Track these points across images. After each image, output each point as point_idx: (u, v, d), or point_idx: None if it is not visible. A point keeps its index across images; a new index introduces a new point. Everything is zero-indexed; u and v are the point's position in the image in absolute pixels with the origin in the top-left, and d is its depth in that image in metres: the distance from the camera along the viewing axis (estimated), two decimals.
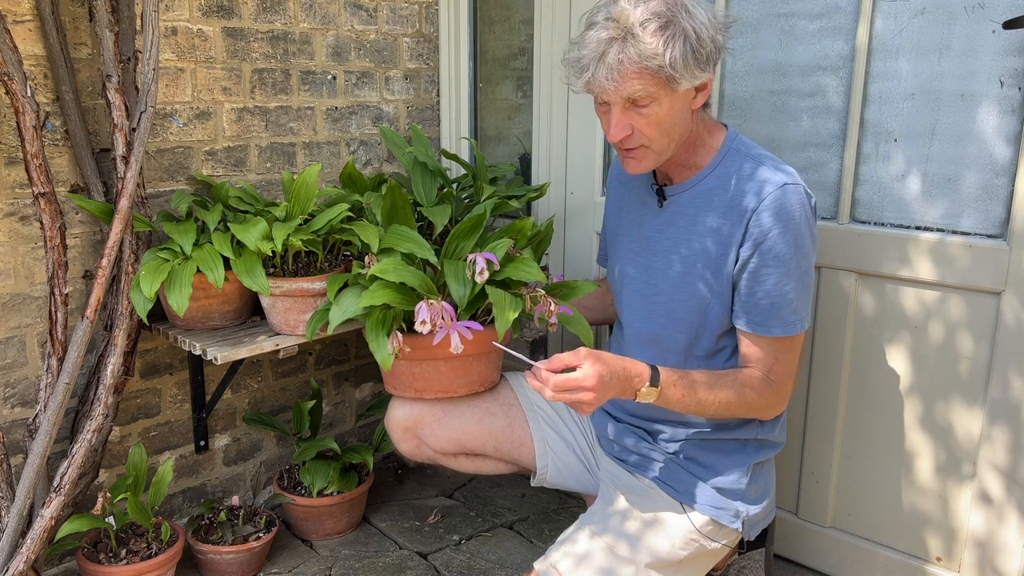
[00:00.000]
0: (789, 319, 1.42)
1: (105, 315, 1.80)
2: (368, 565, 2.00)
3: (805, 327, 1.45)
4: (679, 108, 1.38)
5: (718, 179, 1.46)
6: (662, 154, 1.43)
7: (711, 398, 1.41)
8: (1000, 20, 1.51)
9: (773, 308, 1.41)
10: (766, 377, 1.45)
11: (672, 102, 1.36)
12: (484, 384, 1.74)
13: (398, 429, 1.75)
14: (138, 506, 1.78)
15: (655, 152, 1.42)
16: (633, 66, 1.31)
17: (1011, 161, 1.54)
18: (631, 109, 1.36)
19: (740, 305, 1.44)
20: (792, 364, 1.47)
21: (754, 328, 1.43)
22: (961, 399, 1.66)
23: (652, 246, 1.54)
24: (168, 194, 1.94)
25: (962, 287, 1.62)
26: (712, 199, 1.46)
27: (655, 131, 1.38)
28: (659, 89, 1.34)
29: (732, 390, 1.42)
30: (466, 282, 1.60)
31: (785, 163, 1.45)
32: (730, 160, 1.46)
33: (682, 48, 1.30)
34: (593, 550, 1.46)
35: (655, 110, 1.36)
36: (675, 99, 1.36)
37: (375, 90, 2.33)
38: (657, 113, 1.36)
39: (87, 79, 1.77)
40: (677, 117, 1.39)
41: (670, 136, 1.40)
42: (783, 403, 1.50)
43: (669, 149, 1.43)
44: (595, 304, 1.83)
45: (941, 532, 1.73)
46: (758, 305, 1.42)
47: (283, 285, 1.75)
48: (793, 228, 1.38)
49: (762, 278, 1.41)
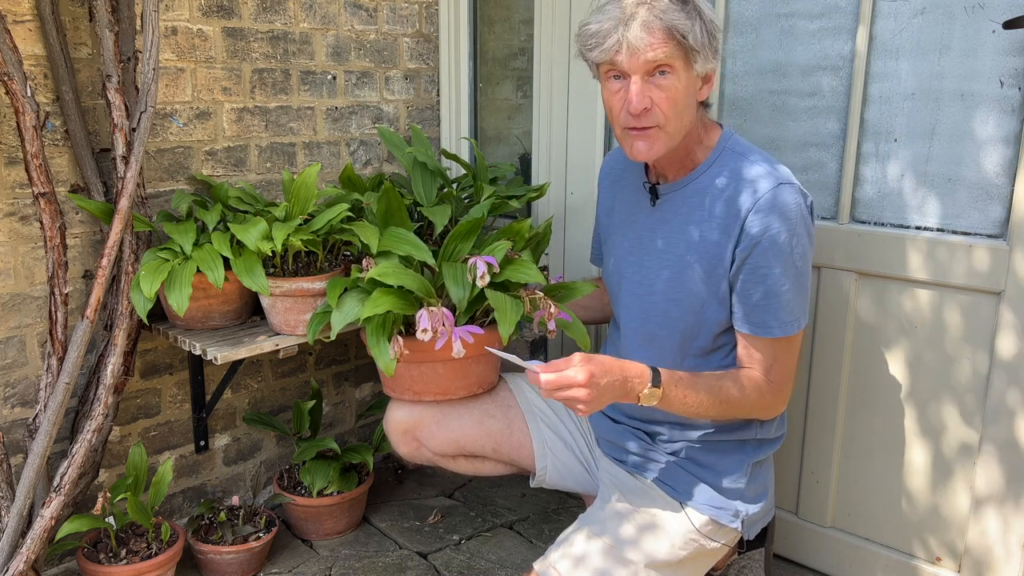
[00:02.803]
0: (786, 319, 1.42)
1: (105, 315, 1.80)
2: (368, 565, 2.00)
3: (803, 326, 1.45)
4: (691, 91, 1.40)
5: (712, 178, 1.46)
6: (673, 138, 1.42)
7: (713, 399, 1.40)
8: (1000, 20, 1.51)
9: (770, 309, 1.41)
10: (766, 378, 1.45)
11: (688, 79, 1.38)
12: (483, 386, 1.75)
13: (397, 431, 1.74)
14: (138, 506, 1.78)
15: (667, 134, 1.40)
16: (663, 29, 1.33)
17: (1011, 161, 1.54)
18: (650, 81, 1.36)
19: (738, 306, 1.44)
20: (791, 364, 1.47)
21: (752, 329, 1.43)
22: (960, 399, 1.66)
23: (645, 245, 1.54)
24: (168, 194, 1.94)
25: (962, 287, 1.62)
26: (706, 198, 1.45)
27: (671, 108, 1.38)
28: (680, 61, 1.36)
29: (734, 391, 1.42)
30: (465, 285, 1.61)
31: (780, 162, 1.45)
32: (725, 159, 1.46)
33: (701, 26, 1.35)
34: (592, 550, 1.46)
35: (673, 83, 1.36)
36: (690, 78, 1.38)
37: (375, 90, 2.33)
38: (675, 87, 1.37)
39: (87, 79, 1.77)
40: (690, 99, 1.40)
41: (682, 119, 1.41)
42: (783, 403, 1.50)
43: (679, 134, 1.42)
44: (593, 304, 1.83)
45: (941, 532, 1.73)
46: (756, 306, 1.42)
47: (283, 285, 1.75)
48: (789, 228, 1.38)
49: (759, 279, 1.40)
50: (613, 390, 1.31)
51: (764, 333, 1.43)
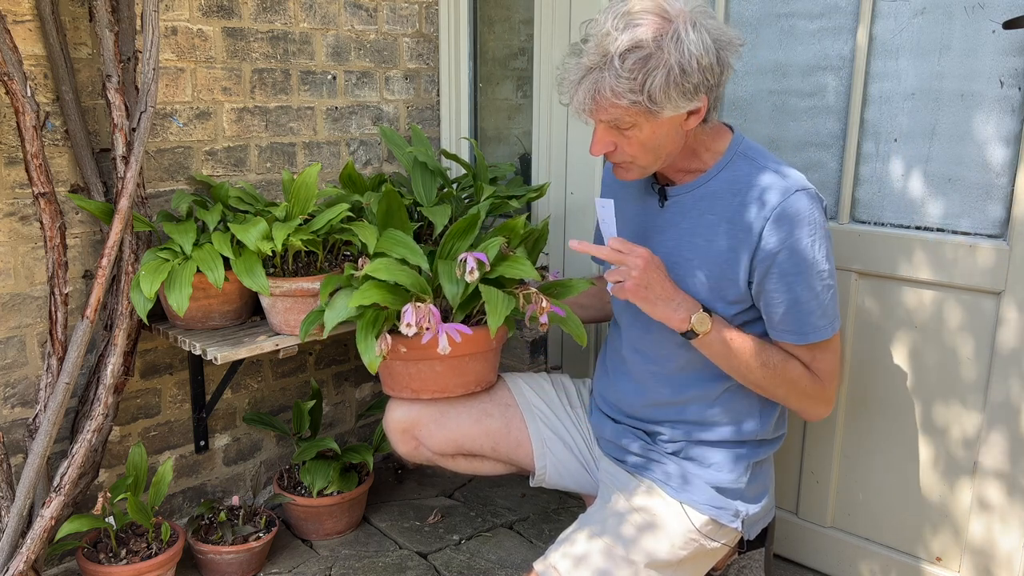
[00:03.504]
0: (819, 324, 1.42)
1: (105, 315, 1.80)
2: (368, 565, 2.00)
3: (837, 328, 1.45)
4: (665, 131, 1.37)
5: (724, 182, 1.45)
6: (648, 168, 1.44)
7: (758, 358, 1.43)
8: (1000, 20, 1.51)
9: (800, 315, 1.41)
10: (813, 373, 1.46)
11: (655, 127, 1.36)
12: (481, 384, 1.74)
13: (396, 431, 1.74)
14: (138, 506, 1.78)
15: (640, 167, 1.44)
16: (606, 100, 1.32)
17: (1011, 161, 1.54)
18: (614, 129, 1.38)
19: (769, 319, 1.45)
20: (834, 364, 1.47)
21: (787, 337, 1.44)
22: (961, 399, 1.66)
23: (652, 247, 1.53)
24: (168, 194, 1.94)
25: (962, 287, 1.62)
26: (716, 203, 1.45)
27: (638, 150, 1.39)
28: (638, 117, 1.34)
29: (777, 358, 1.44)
30: (458, 282, 1.60)
31: (792, 166, 1.45)
32: (736, 164, 1.45)
33: (663, 82, 1.29)
34: (592, 550, 1.46)
35: (636, 134, 1.37)
36: (658, 124, 1.36)
37: (375, 90, 2.33)
38: (639, 136, 1.37)
39: (87, 79, 1.77)
40: (662, 139, 1.38)
41: (656, 154, 1.41)
42: (830, 401, 1.50)
43: (656, 164, 1.44)
44: (592, 302, 1.83)
45: (941, 532, 1.73)
46: (786, 315, 1.42)
47: (283, 285, 1.75)
48: (807, 234, 1.38)
49: (784, 288, 1.40)
50: (662, 291, 1.41)
51: (799, 340, 1.43)
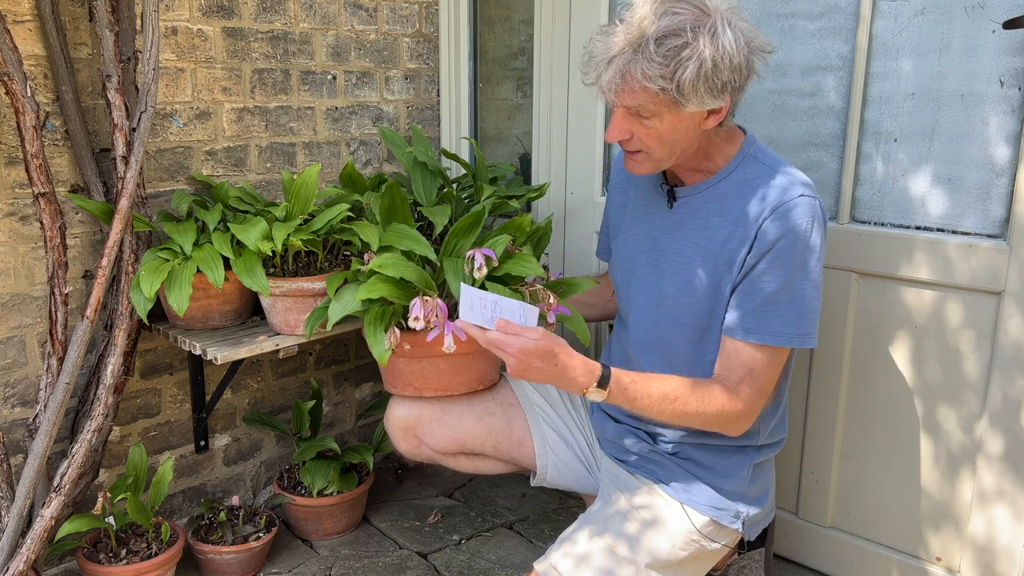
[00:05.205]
0: (781, 330, 1.39)
1: (105, 315, 1.80)
2: (368, 565, 2.00)
3: (794, 344, 1.41)
4: (684, 126, 1.36)
5: (733, 184, 1.45)
6: (661, 162, 1.43)
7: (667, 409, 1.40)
8: (1000, 20, 1.51)
9: (766, 316, 1.39)
10: (734, 394, 1.41)
11: (676, 120, 1.35)
12: (483, 382, 1.74)
13: (397, 429, 1.74)
14: (138, 506, 1.78)
15: (654, 160, 1.42)
16: (636, 83, 1.30)
17: (1011, 161, 1.54)
18: (633, 116, 1.36)
19: (734, 310, 1.42)
20: (768, 381, 1.43)
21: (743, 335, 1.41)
22: (961, 399, 1.66)
23: (661, 247, 1.53)
24: (168, 194, 1.94)
25: (962, 287, 1.62)
26: (725, 204, 1.45)
27: (654, 142, 1.38)
28: (662, 107, 1.32)
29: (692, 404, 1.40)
30: (465, 279, 1.60)
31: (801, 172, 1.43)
32: (747, 167, 1.45)
33: (693, 75, 1.27)
34: (593, 550, 1.46)
35: (656, 124, 1.35)
36: (679, 118, 1.34)
37: (375, 90, 2.33)
38: (658, 127, 1.35)
39: (87, 79, 1.77)
40: (680, 134, 1.37)
41: (671, 149, 1.40)
42: (748, 422, 1.46)
43: (669, 159, 1.42)
44: (594, 301, 1.83)
45: (941, 532, 1.73)
46: (754, 311, 1.40)
47: (283, 285, 1.75)
48: (801, 241, 1.37)
49: (763, 284, 1.39)
50: (545, 376, 1.36)
51: (756, 339, 1.40)
